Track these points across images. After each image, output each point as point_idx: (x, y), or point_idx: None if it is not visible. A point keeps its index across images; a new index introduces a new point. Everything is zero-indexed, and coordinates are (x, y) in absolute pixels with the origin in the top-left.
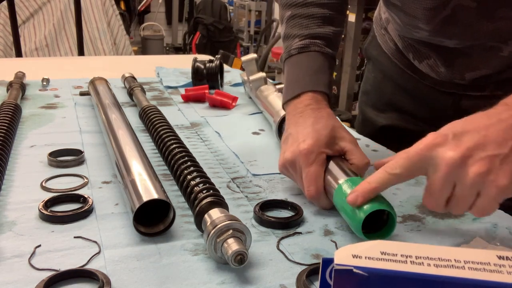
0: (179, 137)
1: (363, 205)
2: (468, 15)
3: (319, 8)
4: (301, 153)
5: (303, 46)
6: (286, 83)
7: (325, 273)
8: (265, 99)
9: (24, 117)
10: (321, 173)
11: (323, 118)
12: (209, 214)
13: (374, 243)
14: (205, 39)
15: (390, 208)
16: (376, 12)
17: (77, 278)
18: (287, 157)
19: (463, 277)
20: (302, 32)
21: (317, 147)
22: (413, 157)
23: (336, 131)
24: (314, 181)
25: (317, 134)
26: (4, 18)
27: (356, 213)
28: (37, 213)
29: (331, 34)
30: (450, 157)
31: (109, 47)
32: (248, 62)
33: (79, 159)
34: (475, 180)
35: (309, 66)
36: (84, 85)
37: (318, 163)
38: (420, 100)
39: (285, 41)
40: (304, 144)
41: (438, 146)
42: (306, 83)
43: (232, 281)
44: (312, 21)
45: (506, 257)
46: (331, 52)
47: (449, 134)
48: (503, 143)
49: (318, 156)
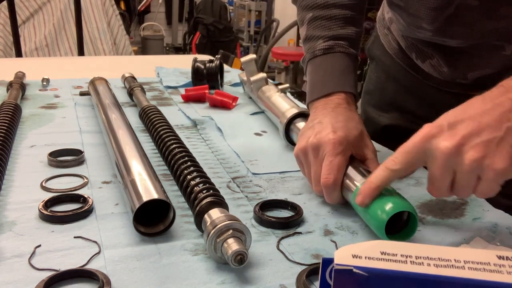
0: (179, 137)
1: (382, 206)
2: (471, 14)
3: (340, 9)
4: (330, 141)
5: (327, 47)
6: (311, 83)
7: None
8: (268, 100)
9: (24, 117)
10: (344, 165)
11: (354, 120)
12: (209, 214)
13: (374, 243)
14: (205, 39)
15: (412, 209)
16: (379, 12)
17: (77, 278)
18: (312, 141)
19: (463, 277)
20: (325, 33)
21: (347, 141)
22: (410, 150)
23: (364, 136)
24: (335, 171)
25: (348, 131)
26: (4, 18)
27: (378, 215)
28: (37, 213)
29: (354, 35)
30: (445, 147)
31: (109, 47)
32: (247, 62)
33: (79, 159)
34: (472, 166)
35: (336, 67)
36: (84, 85)
37: (344, 155)
38: (422, 100)
39: (307, 43)
40: (335, 134)
41: (434, 137)
42: (335, 84)
43: (232, 281)
44: (334, 23)
45: (506, 257)
46: (354, 52)
47: (444, 124)
48: (498, 126)
49: (346, 150)
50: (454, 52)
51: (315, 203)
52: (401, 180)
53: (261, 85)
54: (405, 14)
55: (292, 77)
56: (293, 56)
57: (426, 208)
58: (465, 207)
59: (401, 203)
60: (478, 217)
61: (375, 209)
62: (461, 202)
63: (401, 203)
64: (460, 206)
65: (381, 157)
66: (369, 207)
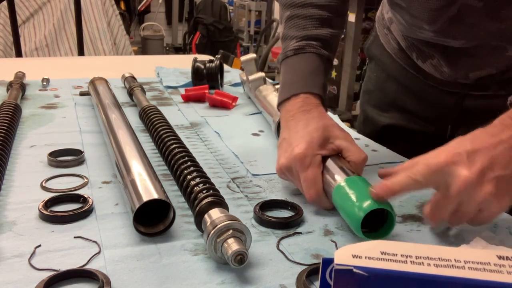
0: (179, 137)
1: (362, 203)
2: (473, 15)
3: (317, 9)
4: (295, 157)
5: (298, 47)
6: (281, 84)
7: (325, 273)
8: (264, 99)
9: (24, 117)
10: (318, 175)
11: (314, 119)
12: (209, 214)
13: (374, 243)
14: (205, 39)
15: (389, 207)
16: (379, 12)
17: (77, 278)
18: (282, 163)
19: (463, 277)
20: (299, 33)
21: (311, 149)
22: (434, 168)
23: (329, 130)
24: (312, 184)
25: (309, 136)
26: (4, 18)
27: (355, 212)
28: (37, 213)
29: (328, 36)
30: (467, 176)
31: (109, 47)
32: (247, 62)
33: (79, 159)
34: (486, 198)
35: (304, 68)
36: (84, 85)
37: (314, 165)
38: (423, 100)
39: (283, 42)
40: (297, 148)
41: (455, 164)
42: (299, 85)
43: (232, 281)
44: (309, 22)
45: (506, 257)
46: (326, 54)
47: (463, 153)
48: (507, 164)
49: (313, 159)
50: (455, 53)
51: None
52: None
53: (259, 85)
54: (407, 15)
55: None
56: None
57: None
58: None
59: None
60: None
61: (351, 206)
62: None
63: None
64: None
65: (379, 157)
66: (346, 204)
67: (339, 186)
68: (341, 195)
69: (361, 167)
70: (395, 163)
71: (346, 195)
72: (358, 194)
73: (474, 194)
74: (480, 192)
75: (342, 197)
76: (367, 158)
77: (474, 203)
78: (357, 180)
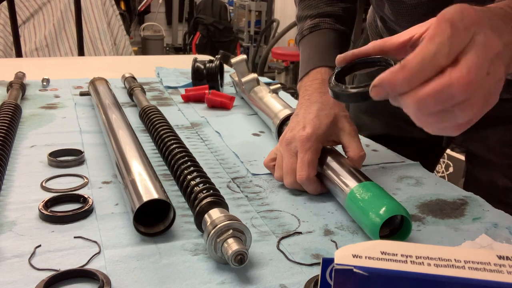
0: (179, 137)
1: (379, 209)
2: None
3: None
4: (299, 137)
5: (313, 25)
6: (300, 63)
7: (325, 273)
8: (260, 101)
9: (24, 117)
10: (315, 161)
11: (328, 105)
12: (209, 214)
13: (374, 243)
14: (205, 39)
15: (406, 212)
16: (369, 18)
17: (77, 278)
18: (287, 136)
19: (463, 277)
20: (312, 12)
21: (315, 136)
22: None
23: (338, 121)
24: (306, 167)
25: (318, 122)
26: (4, 18)
27: (372, 219)
28: (37, 213)
29: (341, 11)
30: None
31: (109, 47)
32: (238, 63)
33: (79, 159)
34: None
35: (320, 44)
36: (84, 85)
37: (313, 151)
38: None
39: (299, 23)
40: (304, 131)
41: None
42: (316, 60)
43: (232, 281)
44: (321, 0)
45: (506, 257)
46: (342, 28)
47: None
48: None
49: (314, 144)
50: None
51: (315, 203)
52: (400, 180)
53: (253, 86)
54: (396, 26)
55: (292, 77)
56: (293, 56)
57: (426, 208)
58: (465, 207)
59: (395, 206)
60: (478, 217)
61: (368, 211)
62: (461, 202)
63: (395, 206)
64: (460, 206)
65: (380, 157)
66: (363, 209)
67: (353, 192)
68: (356, 201)
69: (357, 164)
70: (395, 163)
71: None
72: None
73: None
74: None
75: (359, 203)
76: (365, 156)
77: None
78: (371, 187)
